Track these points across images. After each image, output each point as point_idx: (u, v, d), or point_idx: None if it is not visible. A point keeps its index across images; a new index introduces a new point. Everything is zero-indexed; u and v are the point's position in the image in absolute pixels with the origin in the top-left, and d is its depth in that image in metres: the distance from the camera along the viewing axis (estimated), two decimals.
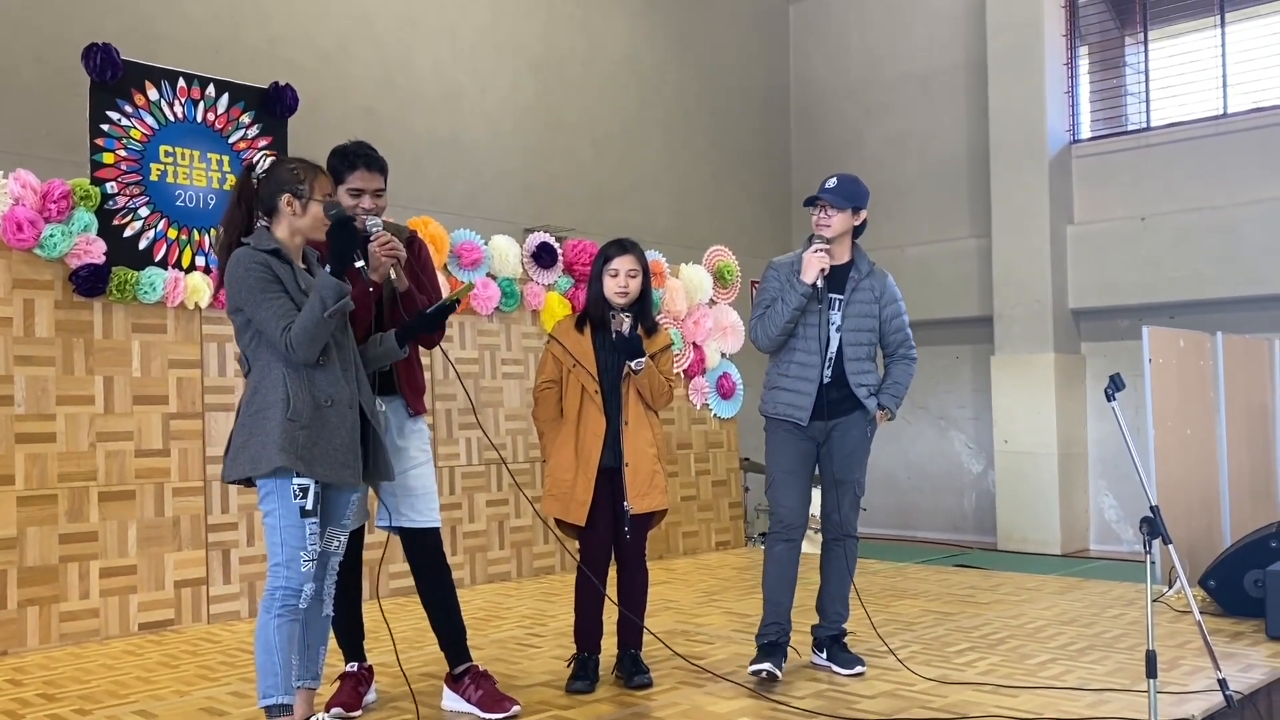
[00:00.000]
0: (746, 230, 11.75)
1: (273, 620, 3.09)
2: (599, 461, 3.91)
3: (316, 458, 3.09)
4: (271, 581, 3.12)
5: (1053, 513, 9.94)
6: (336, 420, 3.14)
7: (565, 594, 5.92)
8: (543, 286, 6.81)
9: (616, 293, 3.97)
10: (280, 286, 3.11)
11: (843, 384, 4.10)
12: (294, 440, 3.06)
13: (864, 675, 4.10)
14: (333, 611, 3.38)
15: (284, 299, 3.09)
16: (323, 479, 3.12)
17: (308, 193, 3.17)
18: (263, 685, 3.09)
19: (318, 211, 3.18)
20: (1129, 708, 3.60)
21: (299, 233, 3.21)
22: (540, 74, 9.91)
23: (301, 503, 3.10)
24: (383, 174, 3.73)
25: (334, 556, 3.34)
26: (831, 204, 4.09)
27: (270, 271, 3.10)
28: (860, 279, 4.14)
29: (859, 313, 4.12)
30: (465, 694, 3.70)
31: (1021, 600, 5.67)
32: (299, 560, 3.10)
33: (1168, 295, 9.66)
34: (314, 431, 3.09)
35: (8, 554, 4.80)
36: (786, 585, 4.13)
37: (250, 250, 3.14)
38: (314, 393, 3.11)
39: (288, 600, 3.10)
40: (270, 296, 3.08)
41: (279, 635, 3.09)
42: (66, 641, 4.90)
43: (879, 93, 11.87)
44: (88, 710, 3.85)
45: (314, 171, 3.23)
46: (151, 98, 5.30)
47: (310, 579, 3.14)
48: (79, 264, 5.00)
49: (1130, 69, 10.45)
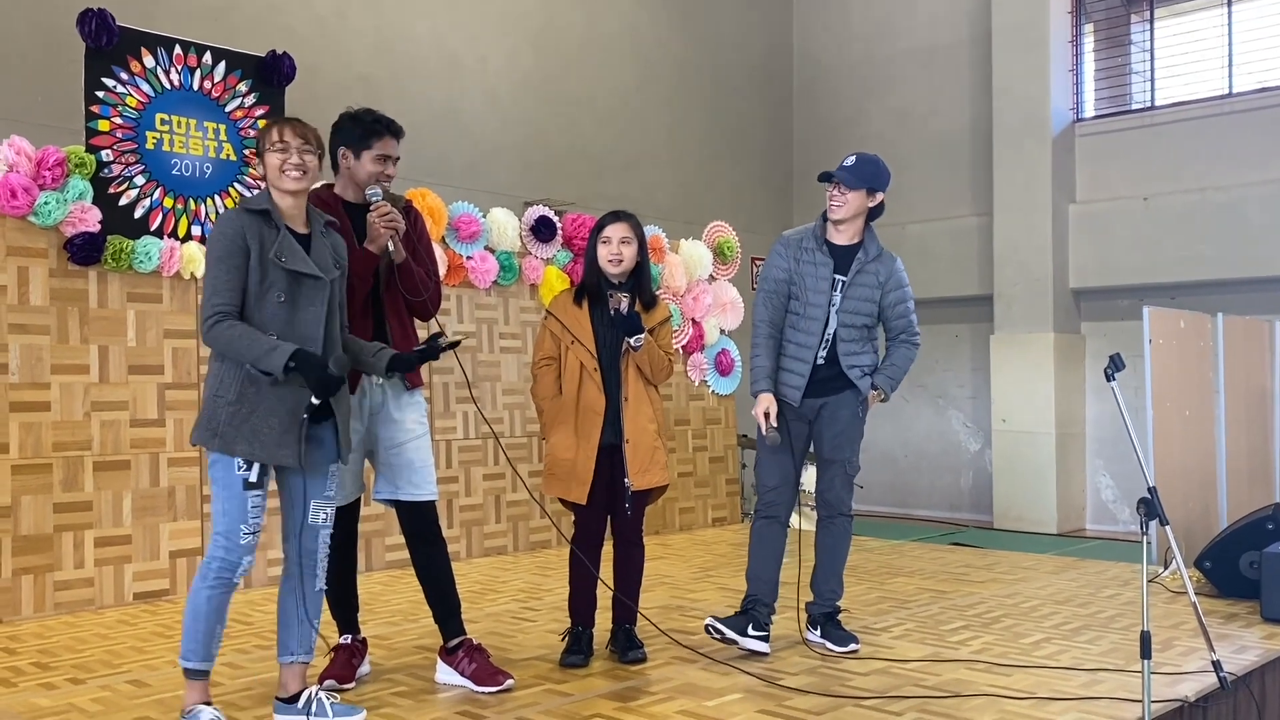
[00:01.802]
0: (746, 206, 11.70)
1: (205, 589, 3.10)
2: (599, 439, 3.89)
3: (242, 435, 3.04)
4: (211, 550, 3.13)
5: (1049, 492, 9.94)
6: (275, 399, 3.08)
7: (560, 568, 5.92)
8: (541, 260, 6.78)
9: (609, 259, 3.93)
10: (241, 258, 3.05)
11: (835, 364, 4.08)
12: (215, 416, 3.07)
13: (858, 653, 4.10)
14: (326, 585, 3.36)
15: (232, 274, 3.04)
16: (244, 456, 3.06)
17: (263, 145, 3.18)
18: (185, 648, 3.14)
19: (271, 160, 3.15)
20: (1123, 688, 3.60)
21: (275, 187, 3.17)
22: (540, 45, 9.82)
23: (245, 475, 3.08)
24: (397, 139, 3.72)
25: (323, 529, 3.29)
26: (845, 183, 4.04)
27: (240, 239, 3.06)
28: (866, 261, 4.09)
29: (858, 295, 4.08)
30: (459, 667, 3.69)
31: (1017, 579, 5.67)
32: (238, 533, 3.09)
33: (1169, 276, 9.63)
34: (243, 408, 3.06)
35: (2, 523, 4.79)
36: (767, 561, 4.14)
37: (235, 211, 3.14)
38: (251, 369, 3.07)
39: (223, 573, 3.10)
40: (223, 268, 3.05)
41: (209, 605, 3.10)
42: (61, 610, 4.91)
43: (881, 68, 11.79)
44: (81, 679, 3.85)
45: (270, 126, 3.22)
46: (148, 65, 5.25)
47: (250, 551, 3.13)
48: (74, 232, 4.96)
49: (1136, 47, 10.37)
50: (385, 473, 3.68)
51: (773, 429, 4.00)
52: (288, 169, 3.14)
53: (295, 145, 3.15)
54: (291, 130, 3.18)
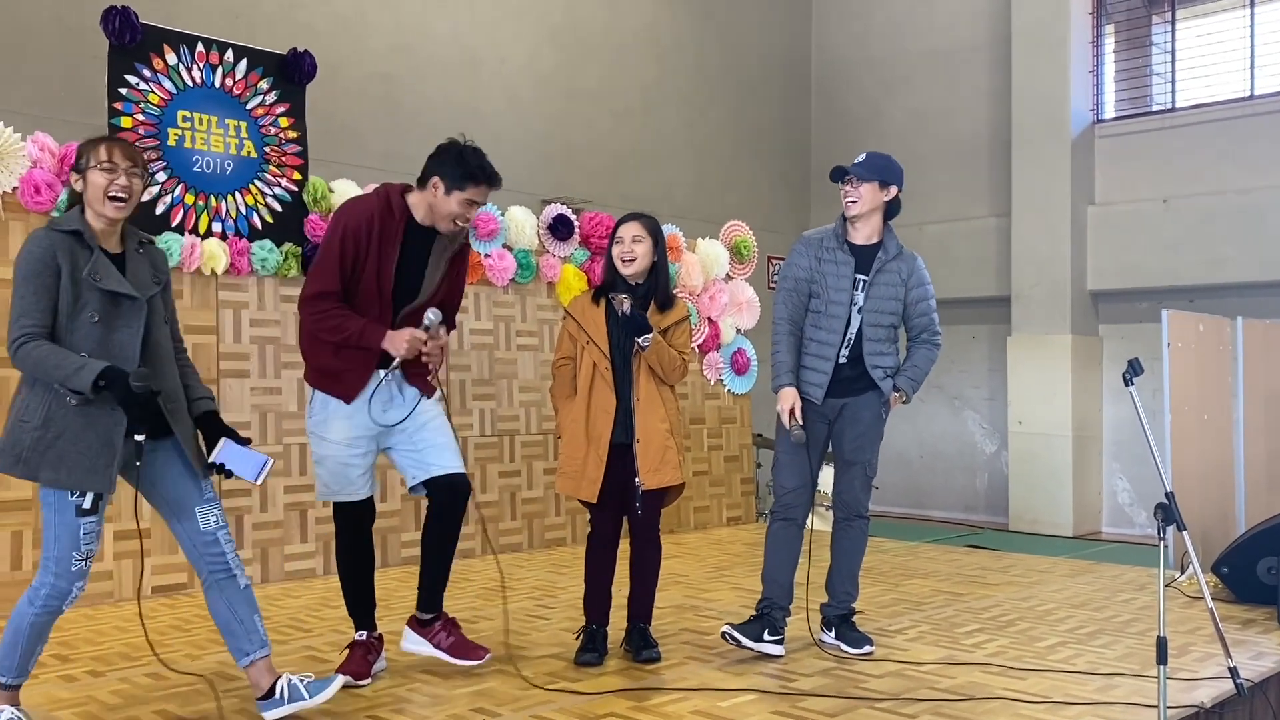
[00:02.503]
0: (764, 204, 11.70)
1: (31, 614, 3.05)
2: (610, 438, 3.91)
3: (47, 461, 2.94)
4: (40, 576, 3.04)
5: (1065, 495, 9.91)
6: (83, 423, 2.97)
7: (575, 566, 5.95)
8: (559, 259, 6.80)
9: (620, 258, 3.96)
10: (51, 279, 2.94)
11: (858, 364, 4.06)
12: (19, 442, 2.97)
13: (872, 654, 4.10)
14: (248, 580, 3.30)
15: (39, 297, 2.92)
16: (48, 484, 2.97)
17: (85, 164, 3.03)
18: (1, 665, 3.09)
19: (95, 179, 3.00)
20: (1137, 693, 3.60)
21: (95, 210, 3.03)
22: (560, 43, 9.84)
23: (78, 501, 2.99)
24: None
25: (219, 531, 3.22)
26: (857, 175, 4.03)
27: (50, 260, 2.94)
28: (887, 260, 4.07)
29: (882, 295, 4.06)
30: (434, 639, 3.74)
31: (1032, 582, 5.66)
32: (70, 559, 3.01)
33: (1188, 279, 9.58)
34: (49, 433, 2.95)
35: (24, 516, 4.83)
36: (783, 563, 4.12)
37: (44, 230, 3.01)
38: (58, 391, 2.96)
39: (50, 600, 3.04)
40: (30, 287, 2.93)
41: (31, 630, 3.06)
42: (81, 603, 4.91)
43: (900, 67, 11.76)
44: (100, 672, 3.90)
45: (90, 143, 3.08)
46: (170, 62, 5.29)
47: (81, 577, 3.05)
48: None
49: (1157, 48, 10.32)
50: (411, 458, 3.70)
51: (797, 425, 4.00)
52: (114, 191, 3.01)
53: (124, 168, 3.03)
54: (121, 152, 3.06)
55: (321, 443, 3.69)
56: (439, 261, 3.69)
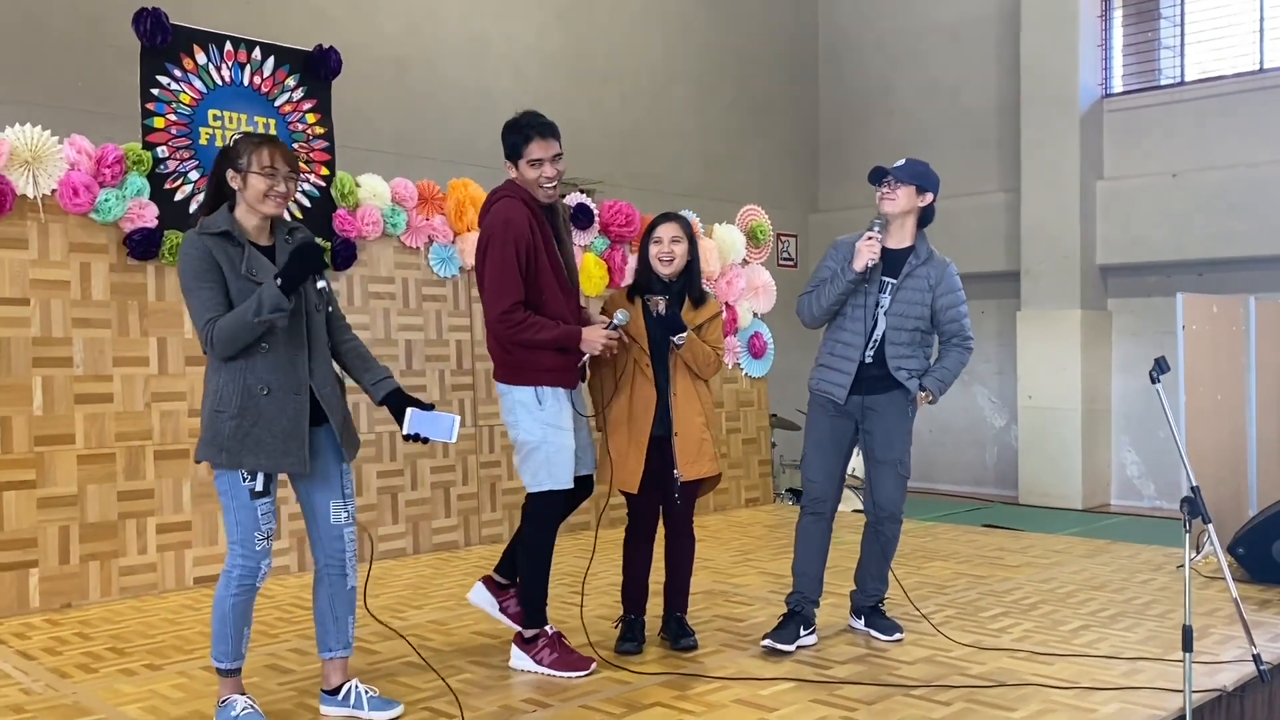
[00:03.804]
0: (772, 181, 11.75)
1: (230, 597, 3.23)
2: (650, 432, 4.02)
3: (247, 448, 3.12)
4: (229, 560, 3.24)
5: (1075, 468, 10.05)
6: (274, 408, 3.15)
7: (601, 551, 6.09)
8: (579, 247, 6.87)
9: (659, 257, 4.07)
10: (217, 275, 3.10)
11: (883, 364, 4.12)
12: (219, 432, 3.14)
13: (902, 641, 4.24)
14: (355, 583, 3.45)
15: (213, 290, 3.09)
16: (252, 468, 3.15)
17: (246, 165, 3.16)
18: (216, 651, 3.28)
19: (257, 183, 3.15)
20: (1162, 677, 3.73)
21: (253, 207, 3.19)
22: (567, 23, 9.86)
23: (251, 484, 3.18)
24: (557, 139, 3.80)
25: (345, 529, 3.38)
26: (896, 177, 4.09)
27: (210, 259, 3.09)
28: (917, 265, 4.11)
29: (908, 299, 4.10)
30: (505, 605, 3.98)
31: (1050, 563, 5.79)
32: (253, 540, 3.20)
33: (1197, 253, 9.66)
34: (244, 420, 3.12)
35: (69, 510, 4.96)
36: (813, 557, 4.22)
37: (195, 234, 3.14)
38: (248, 380, 3.13)
39: (244, 580, 3.22)
40: (201, 286, 3.08)
41: (234, 611, 3.23)
42: (126, 595, 5.08)
43: (908, 42, 11.77)
44: (158, 665, 4.02)
45: (251, 144, 3.20)
46: (200, 62, 5.34)
47: (266, 556, 3.23)
48: (133, 228, 5.09)
49: (1166, 21, 10.33)
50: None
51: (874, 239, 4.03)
52: (274, 195, 3.17)
53: (283, 173, 3.18)
54: (282, 157, 3.19)
55: (560, 433, 3.83)
56: (566, 231, 3.95)
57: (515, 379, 3.83)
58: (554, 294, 3.79)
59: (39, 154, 4.82)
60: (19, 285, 4.85)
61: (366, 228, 5.88)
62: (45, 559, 4.87)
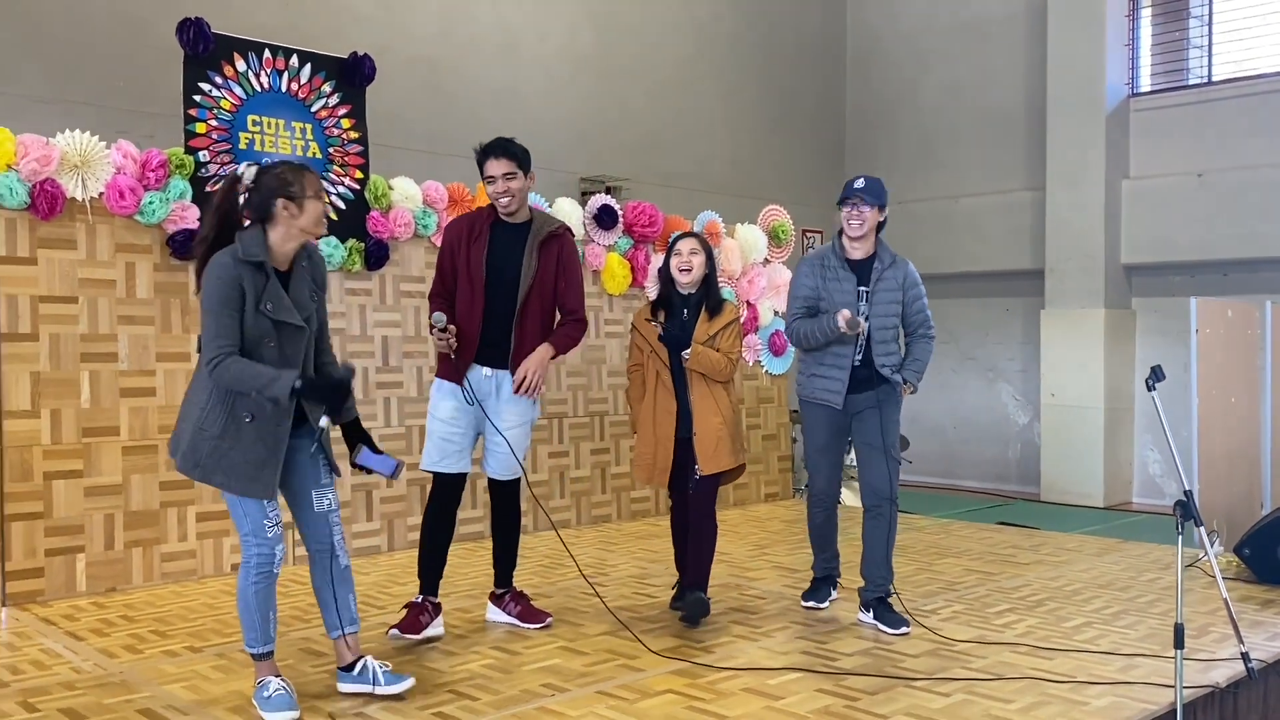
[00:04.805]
0: (799, 178, 11.85)
1: (251, 585, 3.43)
2: (674, 434, 4.48)
3: (220, 468, 3.31)
4: (245, 551, 3.43)
5: (1097, 466, 10.12)
6: (253, 435, 3.32)
7: (623, 542, 6.32)
8: (603, 247, 7.04)
9: (678, 268, 4.51)
10: (239, 304, 3.25)
11: (869, 365, 4.52)
12: (198, 449, 3.32)
13: (909, 634, 4.40)
14: (349, 561, 3.67)
15: (232, 320, 3.24)
16: (219, 487, 3.36)
17: (300, 192, 3.33)
18: (248, 637, 3.50)
19: (315, 209, 3.35)
20: (1156, 673, 3.86)
21: (301, 233, 3.36)
22: (598, 21, 10.01)
23: None
24: (511, 158, 4.16)
25: (330, 514, 3.59)
26: (865, 201, 4.45)
27: (238, 287, 3.24)
28: (883, 269, 4.55)
29: (884, 300, 4.53)
30: (505, 609, 4.46)
31: (1061, 561, 5.91)
32: (264, 528, 3.41)
33: (1222, 253, 9.69)
34: (223, 443, 3.30)
35: (115, 499, 5.20)
36: (829, 538, 4.84)
37: (232, 260, 3.28)
38: (235, 407, 3.30)
39: (262, 566, 3.42)
40: (223, 312, 3.24)
41: (257, 598, 3.44)
42: (167, 580, 5.33)
43: (935, 40, 11.83)
44: (198, 647, 4.25)
45: (300, 172, 3.37)
46: (240, 69, 5.56)
47: (279, 541, 3.43)
48: (175, 229, 5.32)
49: (1195, 20, 10.33)
50: (487, 450, 4.36)
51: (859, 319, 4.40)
52: (325, 220, 3.47)
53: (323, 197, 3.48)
54: (319, 182, 3.45)
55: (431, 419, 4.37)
56: (531, 250, 4.24)
57: None
58: (464, 294, 4.23)
59: (87, 158, 5.05)
60: (68, 284, 5.10)
61: (399, 229, 6.09)
62: (92, 545, 5.12)
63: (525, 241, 4.24)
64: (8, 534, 4.90)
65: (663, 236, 7.29)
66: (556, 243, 4.31)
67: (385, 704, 3.56)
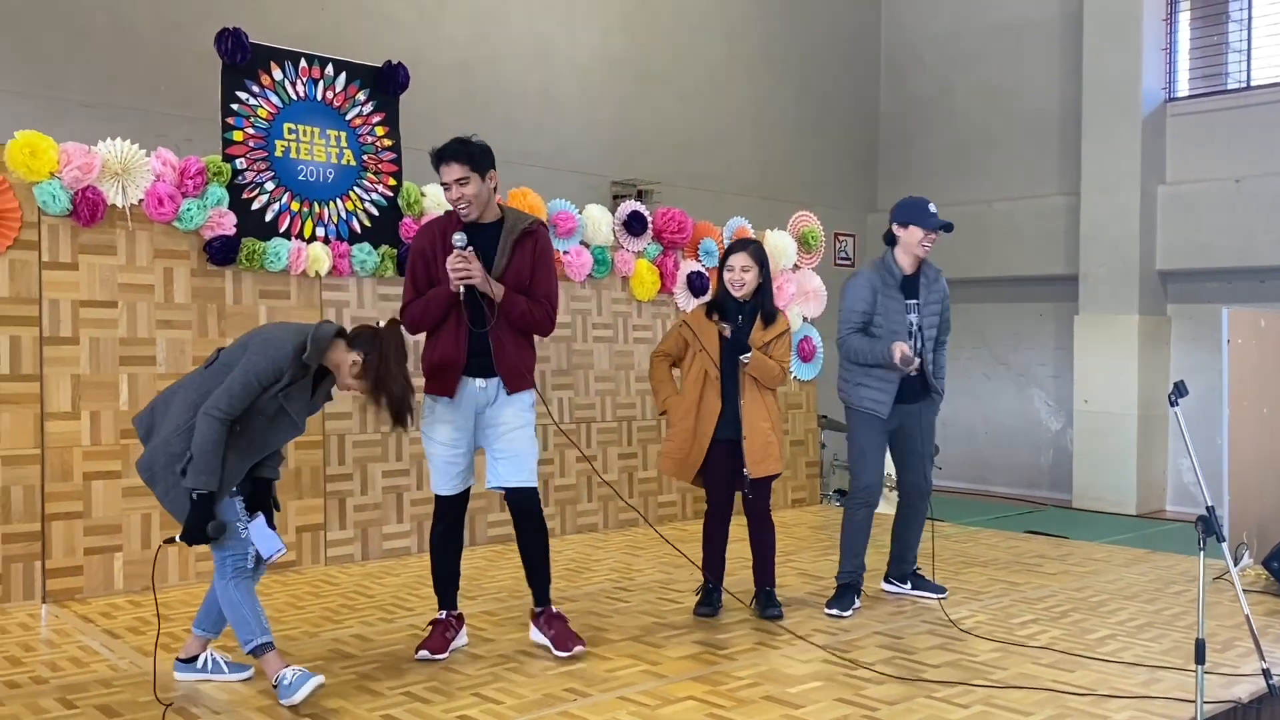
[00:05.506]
0: (831, 181, 11.85)
1: (229, 584, 3.66)
2: (714, 435, 4.60)
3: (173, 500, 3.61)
4: (218, 555, 3.68)
5: (1130, 473, 10.04)
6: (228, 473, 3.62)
7: (649, 548, 6.36)
8: (633, 254, 7.09)
9: (731, 282, 4.63)
10: (267, 385, 3.55)
11: (922, 373, 4.71)
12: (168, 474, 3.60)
13: (946, 598, 4.98)
14: None
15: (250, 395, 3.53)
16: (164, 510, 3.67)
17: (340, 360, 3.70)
18: (242, 635, 3.66)
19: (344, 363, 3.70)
20: (1179, 688, 3.85)
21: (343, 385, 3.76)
22: (630, 25, 10.07)
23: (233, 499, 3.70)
24: (461, 163, 3.97)
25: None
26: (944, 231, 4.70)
27: (280, 374, 3.55)
28: (930, 283, 4.78)
29: (930, 311, 4.78)
30: (541, 629, 4.29)
31: (1088, 572, 5.89)
32: (235, 530, 3.67)
33: (1259, 260, 9.59)
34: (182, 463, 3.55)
35: (151, 500, 5.25)
36: (864, 539, 4.95)
37: (297, 353, 3.58)
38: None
39: (238, 564, 3.67)
40: (253, 383, 3.53)
41: (239, 593, 3.66)
42: (201, 580, 5.43)
43: (969, 43, 11.78)
44: (232, 647, 4.33)
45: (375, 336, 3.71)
46: (276, 78, 5.66)
47: (251, 543, 3.69)
48: (212, 235, 5.43)
49: (1234, 24, 10.22)
50: (492, 463, 4.23)
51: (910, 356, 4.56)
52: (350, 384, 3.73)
53: None
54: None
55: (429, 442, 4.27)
56: (504, 251, 4.12)
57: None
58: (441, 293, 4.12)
59: (127, 166, 5.17)
60: (108, 289, 5.22)
61: None
62: (128, 544, 5.24)
63: (497, 242, 4.08)
64: (48, 533, 5.04)
65: (692, 242, 7.33)
66: (530, 239, 4.13)
67: (410, 707, 3.63)
